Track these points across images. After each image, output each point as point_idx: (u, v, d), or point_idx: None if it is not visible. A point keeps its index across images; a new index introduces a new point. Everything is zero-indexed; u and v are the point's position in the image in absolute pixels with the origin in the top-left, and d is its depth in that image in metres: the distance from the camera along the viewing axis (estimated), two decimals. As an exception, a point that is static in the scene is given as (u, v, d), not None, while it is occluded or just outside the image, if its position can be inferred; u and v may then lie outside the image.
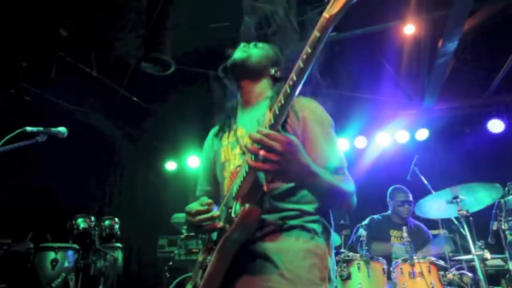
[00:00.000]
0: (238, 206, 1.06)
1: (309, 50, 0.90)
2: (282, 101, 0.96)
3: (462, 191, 2.53)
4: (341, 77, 4.88)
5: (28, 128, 1.90)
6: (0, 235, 3.75)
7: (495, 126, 4.89)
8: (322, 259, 1.15)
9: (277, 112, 0.97)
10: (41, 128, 1.95)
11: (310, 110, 1.29)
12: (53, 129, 2.02)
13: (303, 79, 0.93)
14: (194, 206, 1.18)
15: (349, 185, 1.18)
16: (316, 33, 0.89)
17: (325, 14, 0.88)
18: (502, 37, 4.05)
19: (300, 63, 0.92)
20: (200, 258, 1.28)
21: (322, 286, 1.10)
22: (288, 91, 0.95)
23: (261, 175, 1.05)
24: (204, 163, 1.53)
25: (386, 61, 4.80)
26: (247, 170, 1.05)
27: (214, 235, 1.22)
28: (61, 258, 3.55)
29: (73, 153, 4.39)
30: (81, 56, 4.50)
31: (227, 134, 1.41)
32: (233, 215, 1.07)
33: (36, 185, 4.24)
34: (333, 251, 1.24)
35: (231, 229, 1.05)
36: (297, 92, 0.95)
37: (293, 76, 0.94)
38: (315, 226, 1.19)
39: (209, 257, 1.18)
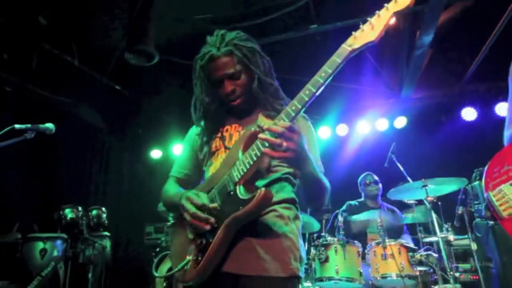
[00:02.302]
0: (242, 189, 1.18)
1: (329, 70, 1.14)
2: (299, 106, 1.13)
3: (431, 182, 2.72)
4: (320, 65, 5.00)
5: (17, 126, 1.95)
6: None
7: (469, 114, 5.12)
8: (295, 240, 1.32)
9: (292, 113, 1.13)
10: (29, 125, 2.00)
11: (309, 130, 1.54)
12: (41, 126, 2.07)
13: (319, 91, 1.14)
14: (190, 208, 1.25)
15: (328, 184, 1.37)
16: (336, 59, 1.14)
17: (348, 47, 1.12)
18: (475, 30, 4.22)
19: (318, 79, 1.15)
20: (190, 235, 1.33)
21: (294, 265, 1.27)
22: (306, 98, 1.13)
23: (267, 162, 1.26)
24: (188, 150, 1.59)
25: (367, 51, 4.94)
26: (254, 158, 1.17)
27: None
28: (49, 247, 3.63)
29: (57, 143, 4.40)
30: (62, 46, 4.44)
31: (214, 130, 1.51)
32: (241, 197, 1.18)
33: (21, 176, 4.25)
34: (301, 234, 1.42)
35: (245, 210, 1.16)
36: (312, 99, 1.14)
37: (310, 87, 1.15)
38: (290, 213, 1.36)
39: (204, 236, 1.26)
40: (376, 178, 3.78)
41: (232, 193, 1.21)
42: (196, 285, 1.28)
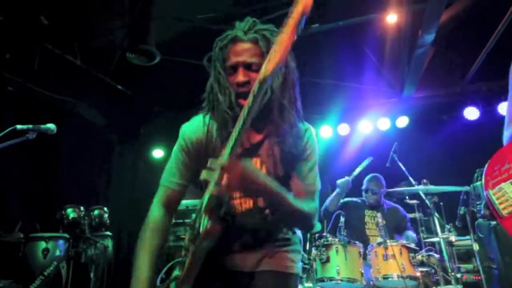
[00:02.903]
0: (205, 220, 1.18)
1: (250, 104, 0.98)
2: (236, 134, 1.04)
3: (434, 190, 2.71)
4: (325, 66, 4.99)
5: (19, 126, 1.96)
6: (-10, 226, 3.80)
7: (471, 113, 5.10)
8: (298, 244, 1.41)
9: (232, 144, 1.04)
10: (30, 126, 2.01)
11: (312, 143, 1.39)
12: (42, 126, 2.08)
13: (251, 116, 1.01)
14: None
15: (310, 205, 1.30)
16: (256, 85, 0.96)
17: (260, 76, 0.95)
18: (477, 28, 4.20)
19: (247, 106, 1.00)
20: (191, 247, 1.34)
21: (297, 266, 1.37)
22: (235, 136, 1.04)
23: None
24: (185, 153, 1.41)
25: (369, 51, 4.92)
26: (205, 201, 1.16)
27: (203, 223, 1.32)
28: (52, 247, 3.64)
29: (60, 143, 4.41)
30: (64, 45, 4.45)
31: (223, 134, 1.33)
32: (201, 229, 1.20)
33: (23, 176, 4.27)
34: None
35: (197, 243, 1.21)
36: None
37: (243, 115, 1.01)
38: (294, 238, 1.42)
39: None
40: (379, 186, 3.66)
41: (197, 226, 1.24)
42: None
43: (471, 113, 5.10)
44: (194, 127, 1.40)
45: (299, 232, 1.45)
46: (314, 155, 1.38)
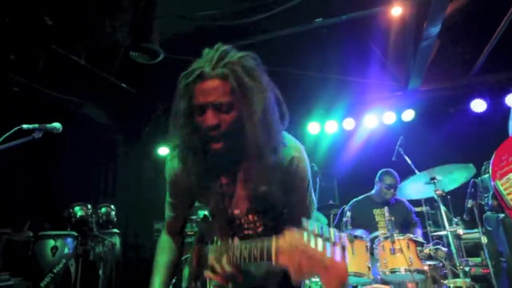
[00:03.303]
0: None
1: None
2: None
3: (439, 173, 2.68)
4: (329, 61, 4.96)
5: (25, 126, 1.97)
6: (0, 225, 3.86)
7: (478, 106, 5.05)
8: None
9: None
10: (36, 125, 2.03)
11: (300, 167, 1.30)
12: (48, 125, 2.09)
13: None
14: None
15: None
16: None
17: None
18: (483, 20, 4.14)
19: None
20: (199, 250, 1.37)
21: None
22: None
23: None
24: (171, 195, 1.44)
25: (373, 44, 4.88)
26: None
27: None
28: (60, 245, 3.69)
29: (66, 143, 4.45)
30: (69, 46, 4.48)
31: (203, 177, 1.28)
32: None
33: (30, 176, 4.32)
34: None
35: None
36: None
37: None
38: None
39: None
40: (396, 180, 3.58)
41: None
42: None
43: (478, 105, 5.04)
44: (173, 169, 1.35)
45: None
46: (303, 182, 1.31)
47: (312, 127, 5.65)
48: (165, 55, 4.02)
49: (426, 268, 2.55)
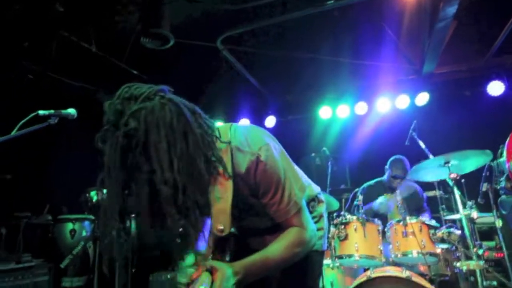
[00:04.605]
0: None
1: None
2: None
3: (454, 158, 2.65)
4: (342, 44, 4.87)
5: (41, 112, 2.01)
6: (19, 208, 4.00)
7: (495, 88, 4.91)
8: (319, 223, 1.39)
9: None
10: (52, 111, 2.06)
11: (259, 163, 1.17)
12: (63, 111, 2.12)
13: None
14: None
15: (296, 235, 1.20)
16: None
17: None
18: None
19: None
20: None
21: (318, 242, 1.35)
22: None
23: None
24: None
25: (387, 26, 4.76)
26: None
27: None
28: (78, 228, 3.81)
29: (81, 129, 4.53)
30: (80, 33, 4.50)
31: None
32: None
33: (48, 162, 4.43)
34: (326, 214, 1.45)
35: None
36: None
37: None
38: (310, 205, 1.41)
39: None
40: (405, 171, 3.50)
41: None
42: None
43: (496, 87, 4.90)
44: None
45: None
46: (270, 185, 1.16)
47: (324, 112, 5.61)
48: (175, 40, 4.02)
49: (438, 251, 2.55)
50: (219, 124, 1.29)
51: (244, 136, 1.18)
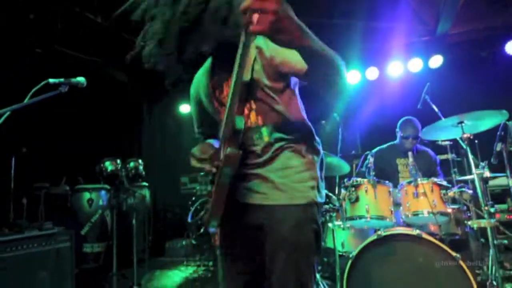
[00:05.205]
0: (226, 150, 1.19)
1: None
2: None
3: (468, 118, 2.59)
4: (352, 5, 4.69)
5: (51, 80, 2.03)
6: (38, 179, 4.13)
7: (513, 47, 4.73)
8: (311, 170, 1.32)
9: None
10: (62, 79, 2.08)
11: None
12: (73, 80, 2.14)
13: None
14: (195, 152, 1.36)
15: (340, 58, 1.14)
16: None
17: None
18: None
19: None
20: (209, 188, 1.43)
21: (311, 193, 1.29)
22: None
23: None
24: (194, 104, 1.57)
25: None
26: (235, 80, 1.08)
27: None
28: (95, 197, 3.94)
29: (92, 103, 4.58)
30: (86, 5, 4.44)
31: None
32: (221, 157, 1.23)
33: (62, 134, 4.52)
34: (322, 167, 1.39)
35: (219, 173, 1.21)
36: None
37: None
38: (304, 146, 1.33)
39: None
40: (418, 133, 3.39)
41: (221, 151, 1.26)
42: (217, 225, 1.32)
43: (514, 46, 4.71)
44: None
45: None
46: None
47: (334, 78, 5.50)
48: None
49: (449, 210, 2.55)
50: None
51: None
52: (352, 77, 5.51)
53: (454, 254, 2.21)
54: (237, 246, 1.37)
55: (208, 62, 1.44)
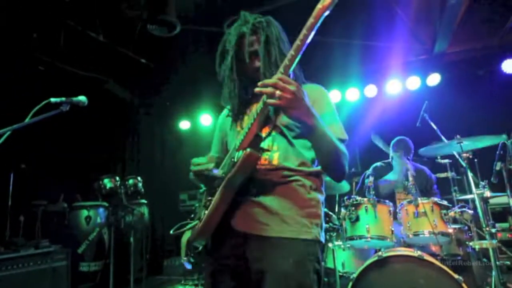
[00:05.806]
0: (240, 153, 1.21)
1: (305, 32, 1.11)
2: (287, 62, 1.14)
3: (468, 141, 2.61)
4: (351, 25, 4.77)
5: (52, 99, 2.04)
6: (36, 197, 4.11)
7: (510, 66, 4.78)
8: (317, 208, 1.31)
9: (287, 62, 1.14)
10: (63, 98, 2.09)
11: (319, 93, 1.45)
12: (74, 98, 2.15)
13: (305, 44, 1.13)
14: (197, 159, 1.37)
15: (344, 150, 1.31)
16: (311, 19, 1.09)
17: (319, 5, 1.07)
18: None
19: (297, 42, 1.13)
20: (203, 200, 1.42)
21: (314, 230, 1.27)
22: (293, 53, 1.13)
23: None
24: (217, 132, 1.65)
25: (396, 5, 4.64)
26: (254, 115, 1.22)
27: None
28: (93, 215, 3.91)
29: (92, 119, 4.59)
30: (87, 22, 4.51)
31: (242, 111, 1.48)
32: (235, 160, 1.23)
33: (61, 151, 4.52)
34: (324, 206, 1.40)
35: (233, 170, 1.21)
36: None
37: (291, 52, 1.14)
38: (311, 182, 1.34)
39: (212, 198, 1.32)
40: (408, 151, 3.49)
41: (233, 159, 1.26)
42: (204, 243, 1.33)
43: (510, 66, 4.77)
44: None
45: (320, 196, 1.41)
46: (325, 99, 1.43)
47: (333, 95, 5.55)
48: (182, 27, 3.99)
49: (451, 230, 2.53)
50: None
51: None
52: (351, 94, 5.56)
53: (456, 276, 2.17)
54: (226, 274, 1.31)
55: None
